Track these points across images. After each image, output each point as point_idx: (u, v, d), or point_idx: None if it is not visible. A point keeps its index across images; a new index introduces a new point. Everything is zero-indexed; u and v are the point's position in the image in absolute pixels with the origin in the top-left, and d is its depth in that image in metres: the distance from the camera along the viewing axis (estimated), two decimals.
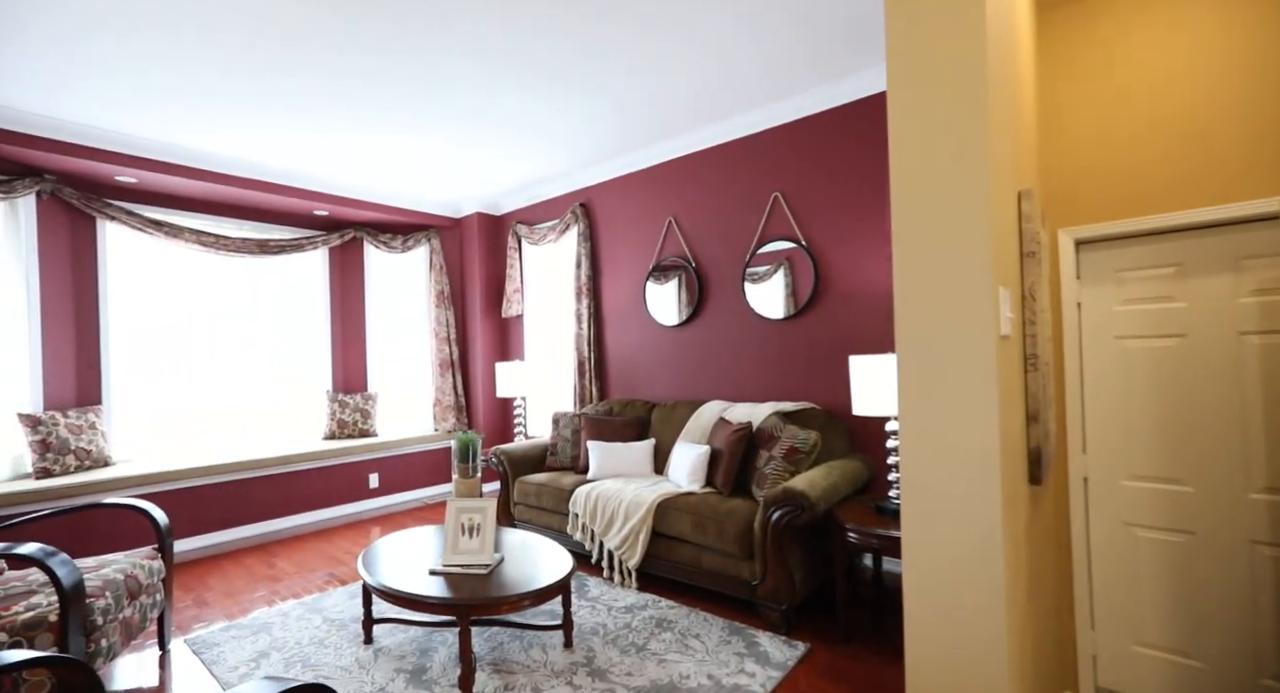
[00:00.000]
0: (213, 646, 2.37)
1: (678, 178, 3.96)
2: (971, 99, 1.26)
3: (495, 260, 5.24)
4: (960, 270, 1.28)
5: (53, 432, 3.34)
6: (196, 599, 2.87)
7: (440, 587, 2.04)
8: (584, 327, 4.43)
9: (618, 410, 3.91)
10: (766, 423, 2.95)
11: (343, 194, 4.48)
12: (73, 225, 3.67)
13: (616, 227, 4.34)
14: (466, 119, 3.41)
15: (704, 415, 3.40)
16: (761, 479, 2.75)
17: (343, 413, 4.67)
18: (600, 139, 3.80)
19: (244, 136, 3.54)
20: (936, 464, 1.32)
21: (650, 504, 2.83)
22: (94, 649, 1.86)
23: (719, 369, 3.73)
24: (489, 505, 2.27)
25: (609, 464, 3.37)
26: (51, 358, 3.52)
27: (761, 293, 3.49)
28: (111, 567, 2.07)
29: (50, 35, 2.46)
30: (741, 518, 2.55)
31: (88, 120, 3.26)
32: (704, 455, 2.99)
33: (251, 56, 2.68)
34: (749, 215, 3.59)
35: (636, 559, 2.83)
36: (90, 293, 3.72)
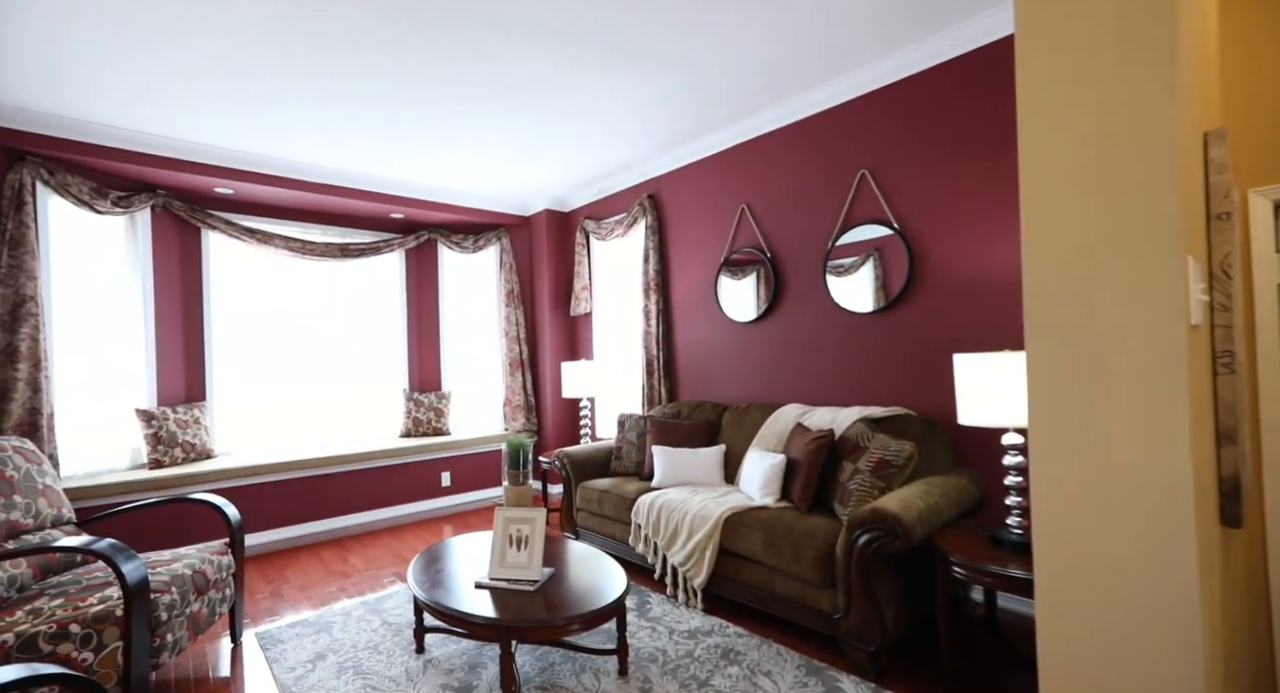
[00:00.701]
0: (278, 642, 2.39)
1: (751, 161, 3.64)
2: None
3: (563, 258, 5.16)
4: (1128, 233, 0.92)
5: (163, 426, 3.62)
6: (274, 591, 2.97)
7: (484, 603, 1.90)
8: (652, 324, 4.22)
9: (686, 413, 3.66)
10: (851, 431, 2.59)
11: (417, 196, 4.56)
12: (181, 235, 3.97)
13: (686, 218, 4.09)
14: (530, 112, 3.30)
15: (780, 420, 3.07)
16: (845, 495, 2.40)
17: (417, 411, 4.77)
18: (668, 124, 3.57)
19: (323, 144, 3.66)
20: (1091, 497, 0.97)
21: (717, 518, 2.56)
22: (159, 644, 1.89)
23: (796, 369, 3.38)
24: (538, 516, 2.12)
25: (675, 471, 3.14)
26: (164, 358, 3.82)
27: (846, 285, 3.11)
28: (182, 562, 2.12)
29: (166, 59, 2.61)
30: (821, 539, 2.23)
31: (189, 136, 3.48)
32: (778, 465, 2.68)
33: (322, 62, 2.71)
34: (831, 198, 3.21)
35: (702, 578, 2.57)
36: (196, 297, 4.01)
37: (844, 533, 2.13)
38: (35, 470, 2.13)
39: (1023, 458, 1.96)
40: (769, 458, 2.74)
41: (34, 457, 2.17)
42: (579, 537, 3.44)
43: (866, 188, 3.04)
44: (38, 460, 2.18)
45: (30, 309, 3.10)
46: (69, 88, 2.89)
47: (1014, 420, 1.86)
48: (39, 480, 2.12)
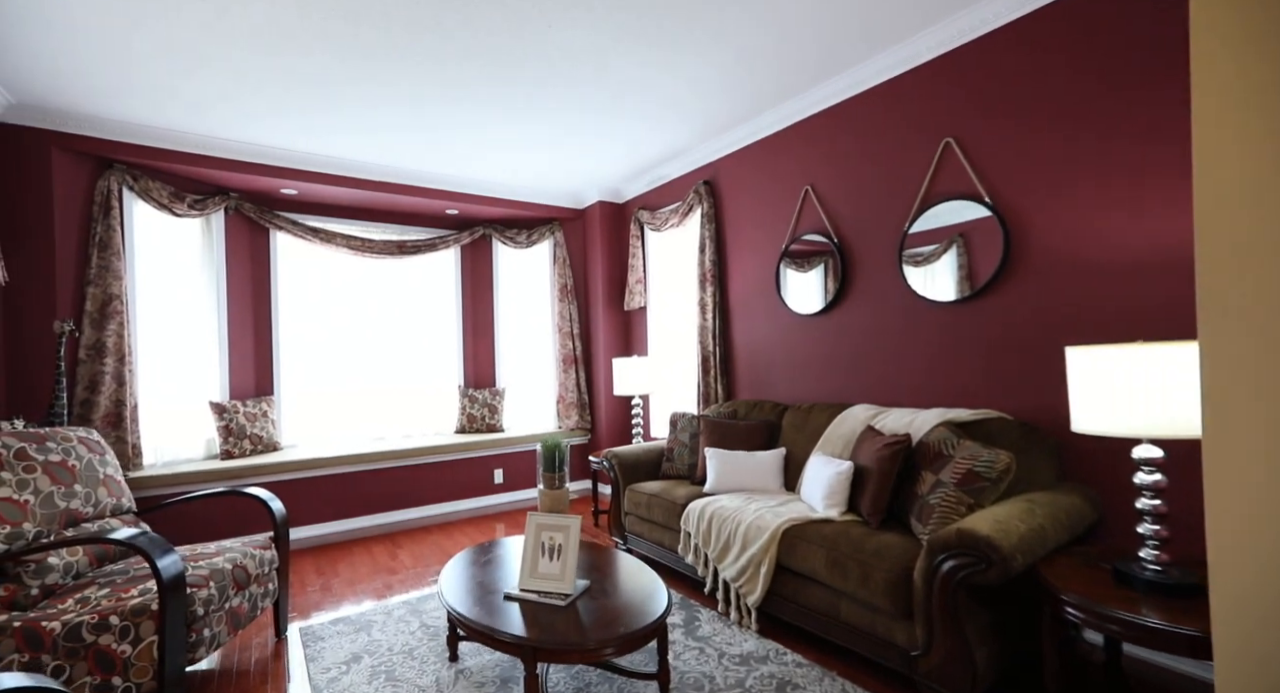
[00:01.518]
0: (319, 640, 2.37)
1: (815, 138, 3.32)
2: None
3: (618, 251, 5.00)
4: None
5: (233, 419, 3.78)
6: (324, 585, 2.99)
7: (512, 616, 1.76)
8: (708, 317, 3.98)
9: (743, 413, 3.39)
10: (932, 436, 2.25)
11: (471, 191, 4.55)
12: (251, 236, 4.14)
13: (744, 203, 3.81)
14: (579, 96, 3.15)
15: (847, 423, 2.75)
16: (925, 511, 2.07)
17: (472, 408, 4.78)
18: (723, 102, 3.31)
19: (380, 143, 3.70)
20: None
21: (774, 531, 2.30)
22: (195, 639, 1.89)
23: (867, 365, 3.03)
24: (573, 524, 1.95)
25: (729, 476, 2.89)
26: (235, 353, 4.00)
27: (925, 271, 2.74)
28: (224, 555, 2.12)
29: (228, 73, 2.68)
30: (895, 561, 1.92)
31: (257, 140, 3.60)
32: (845, 473, 2.38)
33: (377, 66, 2.76)
34: (908, 172, 2.84)
35: (757, 597, 2.32)
36: (265, 295, 4.17)
37: (923, 557, 1.82)
38: (97, 461, 2.21)
39: (1161, 476, 1.57)
40: (834, 465, 2.44)
41: (97, 447, 2.25)
42: (627, 542, 3.26)
43: (951, 159, 2.65)
44: (100, 451, 2.26)
45: (116, 307, 3.29)
46: (151, 98, 3.03)
47: (1151, 428, 1.49)
48: (100, 470, 2.20)
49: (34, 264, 3.12)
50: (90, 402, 3.20)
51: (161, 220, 3.68)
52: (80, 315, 3.25)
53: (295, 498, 3.71)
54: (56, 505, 1.97)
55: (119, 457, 3.25)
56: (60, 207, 3.20)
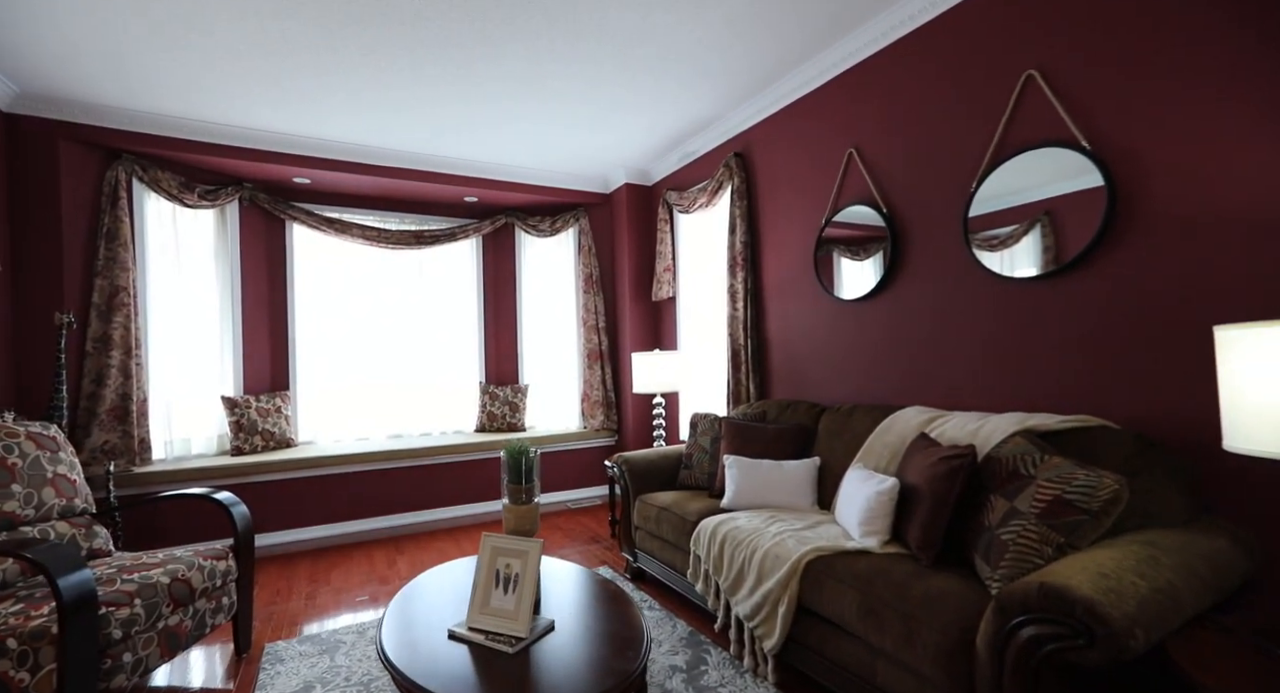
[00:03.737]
0: (279, 662, 2.14)
1: (861, 90, 2.80)
2: None
3: (646, 238, 4.61)
4: None
5: (245, 414, 3.69)
6: (310, 594, 2.79)
7: (442, 662, 1.41)
8: (739, 307, 3.52)
9: (773, 415, 2.92)
10: (1006, 449, 1.73)
11: (491, 177, 4.29)
12: (267, 228, 4.06)
13: (780, 174, 3.33)
14: (598, 60, 2.79)
15: (894, 429, 2.25)
16: (994, 549, 1.56)
17: (493, 405, 4.53)
18: (754, 55, 2.85)
19: (393, 125, 3.51)
20: None
21: (795, 563, 1.84)
22: (111, 665, 1.67)
23: (921, 359, 2.50)
24: (532, 550, 1.59)
25: (751, 489, 2.44)
26: (250, 347, 3.93)
27: (996, 245, 2.19)
28: (166, 567, 1.91)
29: (228, 49, 2.61)
30: (950, 618, 1.43)
31: (266, 126, 3.48)
32: (887, 493, 1.89)
33: (390, 45, 2.64)
34: (976, 118, 2.29)
35: (774, 642, 1.87)
36: (281, 288, 4.08)
37: (991, 616, 1.32)
38: (46, 458, 2.06)
39: None
40: (874, 481, 1.95)
41: (49, 443, 2.11)
42: (636, 560, 2.87)
43: (1035, 95, 2.09)
44: (53, 447, 2.12)
45: (123, 299, 3.24)
46: (159, 87, 2.96)
47: None
48: (49, 469, 2.05)
49: (41, 255, 3.10)
50: (96, 395, 3.16)
51: (176, 212, 3.63)
52: (87, 307, 3.22)
53: (301, 498, 3.57)
54: None
55: (125, 452, 3.19)
56: (67, 197, 3.17)
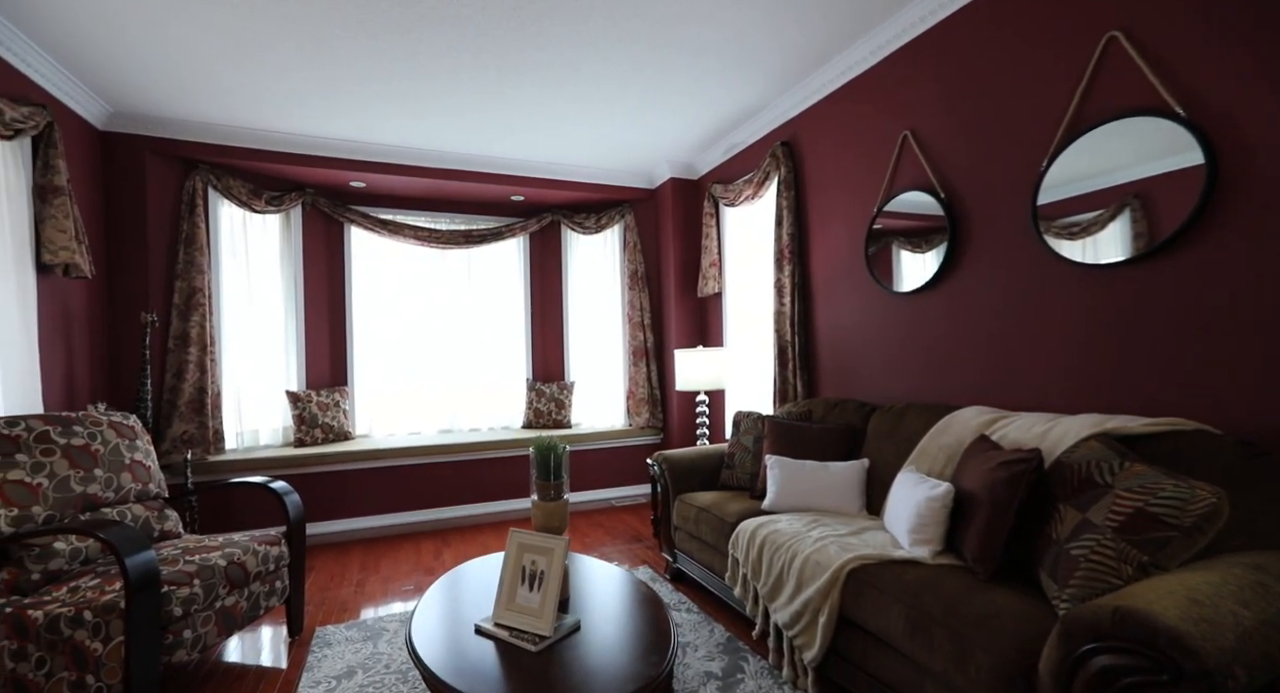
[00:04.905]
0: (329, 644, 2.22)
1: (918, 67, 2.62)
2: None
3: (691, 233, 4.53)
4: None
5: (306, 408, 3.89)
6: (360, 581, 2.90)
7: (467, 657, 1.41)
8: (786, 301, 3.39)
9: (819, 414, 2.79)
10: (1079, 454, 1.55)
11: (537, 175, 4.34)
12: (327, 230, 4.27)
13: (829, 162, 3.17)
14: (637, 52, 2.75)
15: (951, 430, 2.08)
16: (1063, 565, 1.40)
17: (539, 402, 4.58)
18: (801, 37, 2.73)
19: (442, 128, 3.60)
20: None
21: (836, 571, 1.73)
22: (173, 640, 1.77)
23: (981, 356, 2.31)
24: (559, 547, 1.56)
25: (794, 491, 2.33)
26: (312, 344, 4.14)
27: (1077, 231, 1.98)
28: (224, 551, 2.02)
29: (284, 62, 2.78)
30: (1009, 639, 1.29)
31: (326, 133, 3.65)
32: (940, 498, 1.74)
33: (441, 49, 2.69)
34: (1046, 90, 2.09)
35: (814, 654, 1.77)
36: (339, 288, 4.28)
37: (1056, 639, 1.18)
38: (125, 445, 2.23)
39: None
40: (926, 486, 1.81)
41: (128, 432, 2.28)
42: (676, 560, 2.81)
43: (1116, 60, 1.88)
44: (132, 436, 2.29)
45: (199, 300, 3.49)
46: (228, 99, 3.16)
47: None
48: (127, 455, 2.22)
49: (129, 260, 3.37)
50: (176, 388, 3.41)
51: (246, 218, 3.88)
52: (168, 308, 3.48)
53: (356, 488, 3.72)
54: (72, 490, 1.98)
55: (201, 441, 3.43)
56: (152, 207, 3.44)
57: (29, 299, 2.65)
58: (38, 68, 2.69)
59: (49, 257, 2.70)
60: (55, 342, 2.87)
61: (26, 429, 1.96)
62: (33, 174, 2.71)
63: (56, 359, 2.87)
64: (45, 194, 2.71)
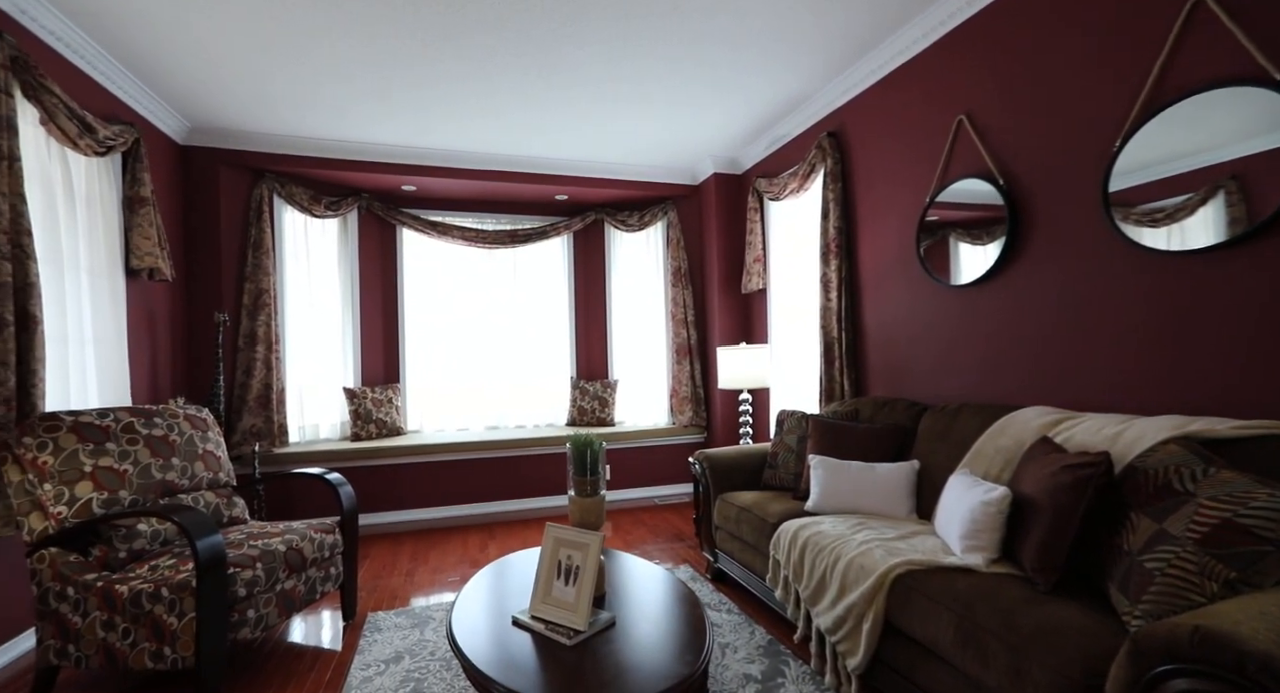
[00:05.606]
0: (379, 629, 2.32)
1: (974, 45, 2.49)
2: None
3: (735, 229, 4.47)
4: None
5: (362, 403, 4.08)
6: (410, 571, 3.01)
7: (503, 648, 1.43)
8: (833, 297, 3.28)
9: (867, 414, 2.69)
10: (1156, 457, 1.43)
11: (579, 174, 4.38)
12: (380, 233, 4.46)
13: (877, 152, 3.06)
14: (674, 45, 2.74)
15: (1010, 431, 1.96)
16: (1135, 578, 1.29)
17: (583, 400, 4.63)
18: (848, 22, 2.64)
19: (488, 130, 3.69)
20: None
21: (881, 575, 1.66)
22: (238, 619, 1.89)
23: (1045, 352, 2.16)
24: (594, 542, 1.57)
25: (838, 493, 2.25)
26: (367, 342, 4.33)
27: (1161, 217, 1.83)
28: (284, 537, 2.14)
29: (340, 72, 2.90)
30: (1071, 655, 1.20)
31: (379, 140, 3.82)
32: (996, 503, 1.64)
33: (487, 53, 2.81)
34: (1119, 60, 1.93)
35: (858, 661, 1.70)
36: (392, 288, 4.46)
37: (1126, 658, 1.08)
38: (199, 436, 2.40)
39: None
40: (981, 490, 1.70)
41: (201, 423, 2.45)
42: (716, 560, 2.77)
43: (1205, 22, 1.71)
44: (204, 427, 2.46)
45: (265, 301, 3.71)
46: (291, 110, 3.35)
47: None
48: (200, 446, 2.38)
49: (204, 265, 3.63)
50: (246, 384, 3.64)
51: (307, 223, 4.10)
52: (238, 308, 3.72)
53: (408, 481, 3.87)
54: (153, 476, 2.14)
55: (268, 434, 3.65)
56: (225, 214, 3.69)
57: (119, 301, 2.89)
58: (126, 89, 2.93)
59: (136, 262, 2.94)
60: (141, 340, 3.12)
61: (115, 420, 2.13)
62: (122, 187, 2.96)
63: (142, 356, 3.12)
64: (133, 205, 2.94)
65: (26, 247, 2.13)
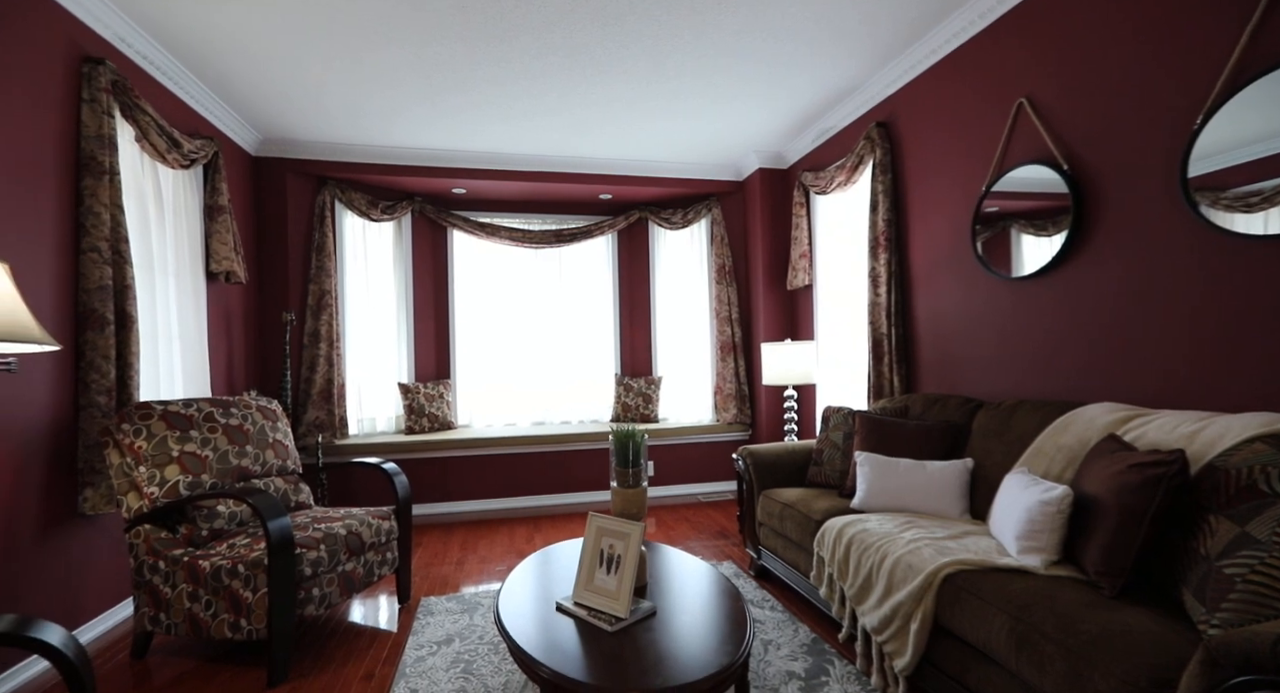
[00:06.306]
0: (432, 613, 2.42)
1: (1035, 23, 2.37)
2: None
3: (780, 224, 4.40)
4: None
5: (415, 398, 4.26)
6: (460, 560, 3.12)
7: (548, 632, 1.48)
8: (881, 292, 3.20)
9: (917, 411, 2.60)
10: (1238, 457, 1.33)
11: (623, 173, 4.43)
12: (432, 235, 4.64)
13: (929, 140, 2.95)
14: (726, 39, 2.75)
15: (1073, 428, 1.86)
16: (1214, 584, 1.21)
17: (627, 396, 4.67)
18: (893, 12, 2.56)
19: (532, 130, 3.78)
20: None
21: (930, 575, 1.61)
22: (304, 596, 2.02)
23: (1112, 346, 2.03)
24: (635, 532, 1.59)
25: (886, 491, 2.20)
26: (420, 340, 4.52)
27: (1257, 201, 1.70)
28: (344, 522, 2.27)
29: (390, 76, 3.03)
30: (1136, 663, 1.14)
31: (432, 144, 3.98)
32: (1056, 502, 1.56)
33: (531, 56, 2.89)
34: (1196, 33, 1.80)
35: (905, 662, 1.66)
36: (443, 288, 4.64)
37: (1198, 666, 1.02)
38: (269, 426, 2.57)
39: None
40: (1039, 489, 1.63)
41: (271, 415, 2.63)
42: (760, 557, 2.75)
43: None
44: (274, 418, 2.63)
45: (327, 301, 3.93)
46: (347, 120, 3.54)
47: None
48: (270, 435, 2.55)
49: (273, 267, 3.88)
50: (310, 380, 3.87)
51: (365, 226, 4.31)
52: (303, 308, 3.96)
53: (458, 474, 4.02)
54: (230, 462, 2.32)
55: (329, 426, 3.87)
56: (291, 219, 3.93)
57: (201, 301, 3.13)
58: (207, 105, 3.17)
59: (214, 265, 3.18)
60: (219, 337, 3.37)
61: (198, 410, 2.32)
62: (203, 196, 3.20)
63: (220, 351, 3.37)
64: (212, 213, 3.18)
65: (125, 252, 2.35)
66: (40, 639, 1.01)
